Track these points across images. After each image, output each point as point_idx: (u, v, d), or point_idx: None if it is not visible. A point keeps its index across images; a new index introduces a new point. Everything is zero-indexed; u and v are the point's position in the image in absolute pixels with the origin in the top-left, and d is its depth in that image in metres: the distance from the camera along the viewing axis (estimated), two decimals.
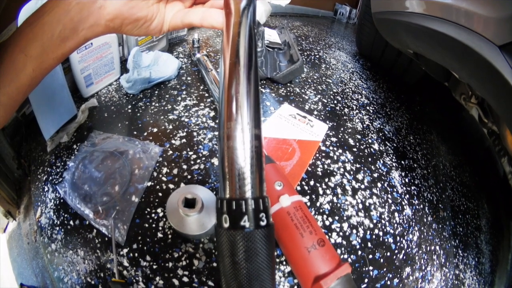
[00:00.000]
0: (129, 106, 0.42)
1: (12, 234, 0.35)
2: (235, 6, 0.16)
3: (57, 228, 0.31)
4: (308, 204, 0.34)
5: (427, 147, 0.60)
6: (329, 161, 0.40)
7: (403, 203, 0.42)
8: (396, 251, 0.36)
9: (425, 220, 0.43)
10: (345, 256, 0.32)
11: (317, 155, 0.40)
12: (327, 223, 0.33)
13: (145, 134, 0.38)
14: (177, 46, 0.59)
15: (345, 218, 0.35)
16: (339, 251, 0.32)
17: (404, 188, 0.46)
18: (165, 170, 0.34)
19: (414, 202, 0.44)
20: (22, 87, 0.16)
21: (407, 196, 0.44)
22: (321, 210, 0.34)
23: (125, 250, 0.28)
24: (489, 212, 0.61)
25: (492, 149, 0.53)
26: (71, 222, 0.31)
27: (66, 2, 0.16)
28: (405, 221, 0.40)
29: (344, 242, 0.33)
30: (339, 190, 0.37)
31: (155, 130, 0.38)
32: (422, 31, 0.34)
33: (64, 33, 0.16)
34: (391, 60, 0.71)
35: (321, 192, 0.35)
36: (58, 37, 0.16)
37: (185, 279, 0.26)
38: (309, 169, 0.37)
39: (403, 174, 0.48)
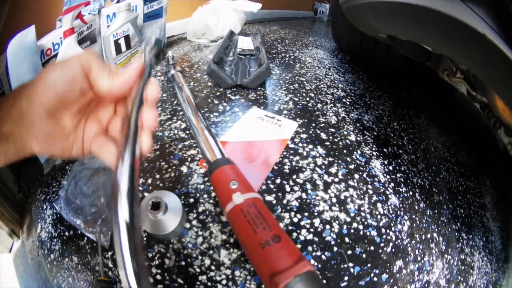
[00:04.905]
0: None
1: (17, 253, 0.38)
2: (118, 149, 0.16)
3: (55, 240, 0.34)
4: (274, 202, 0.33)
5: (414, 131, 0.56)
6: (297, 157, 0.38)
7: (387, 192, 0.39)
8: (382, 244, 0.33)
9: (416, 207, 0.40)
10: (318, 253, 0.30)
11: (285, 153, 0.39)
12: (295, 220, 0.32)
13: None
14: (155, 65, 0.61)
15: (316, 213, 0.33)
16: (310, 248, 0.30)
17: (388, 176, 0.42)
18: (141, 180, 0.35)
19: (401, 190, 0.41)
20: None
21: (392, 184, 0.41)
22: (288, 208, 0.32)
23: (110, 253, 0.30)
24: (492, 188, 0.55)
25: (489, 124, 0.48)
26: (66, 233, 0.33)
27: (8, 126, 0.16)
28: (391, 211, 0.37)
29: (316, 239, 0.31)
30: (308, 186, 0.35)
31: None
32: (383, 8, 0.32)
33: (13, 147, 0.16)
34: (369, 50, 0.67)
35: (288, 189, 0.34)
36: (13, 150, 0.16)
37: (158, 276, 0.27)
38: (276, 167, 0.36)
39: (385, 162, 0.45)
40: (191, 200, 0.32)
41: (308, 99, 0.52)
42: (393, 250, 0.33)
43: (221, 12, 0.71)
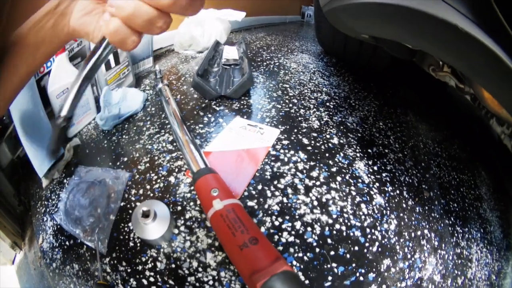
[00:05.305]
0: (105, 141, 0.48)
1: (20, 265, 0.41)
2: None
3: (56, 250, 0.38)
4: (256, 207, 0.36)
5: (401, 129, 0.58)
6: (278, 163, 0.42)
7: (372, 192, 0.41)
8: (367, 244, 0.34)
9: (404, 205, 0.42)
10: (300, 255, 0.32)
11: (267, 160, 0.42)
12: (276, 223, 0.34)
13: (118, 163, 0.44)
14: (144, 79, 0.66)
15: (297, 216, 0.35)
16: (291, 250, 0.32)
17: (373, 176, 0.44)
18: (133, 191, 0.39)
19: (386, 189, 0.43)
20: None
21: (377, 184, 0.43)
22: (269, 212, 0.36)
23: (108, 259, 0.33)
24: (488, 178, 0.56)
25: (481, 116, 0.50)
26: (67, 243, 0.37)
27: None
28: (376, 211, 0.39)
29: (298, 241, 0.33)
30: (289, 190, 0.38)
31: (125, 159, 0.44)
32: (357, 8, 0.34)
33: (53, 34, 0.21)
34: (355, 51, 0.70)
35: (269, 194, 0.37)
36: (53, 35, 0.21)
37: (152, 279, 0.31)
38: (257, 174, 0.40)
39: (370, 162, 0.47)
40: (179, 208, 0.36)
41: (291, 105, 0.56)
42: (380, 249, 0.34)
43: (206, 22, 0.75)
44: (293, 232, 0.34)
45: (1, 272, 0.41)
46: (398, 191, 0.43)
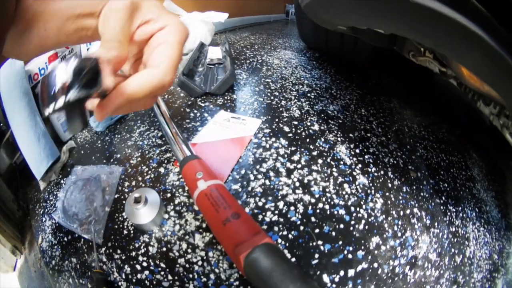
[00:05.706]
0: (99, 142, 0.53)
1: (21, 270, 0.43)
2: None
3: (55, 247, 0.40)
4: (240, 190, 0.40)
5: (384, 115, 0.62)
6: (261, 150, 0.46)
7: (354, 173, 0.44)
8: (353, 222, 0.36)
9: (389, 185, 0.43)
10: (284, 233, 0.33)
11: (249, 147, 0.46)
12: (260, 204, 0.37)
13: (112, 160, 0.48)
14: None
15: (279, 197, 0.38)
16: (276, 228, 0.34)
17: (355, 159, 0.46)
18: (126, 183, 0.43)
19: (370, 170, 0.45)
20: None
21: (359, 165, 0.45)
22: (253, 194, 0.39)
23: (103, 249, 0.36)
24: (480, 160, 0.58)
25: (469, 99, 0.50)
26: (65, 239, 0.40)
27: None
28: (360, 190, 0.41)
29: (281, 220, 0.35)
30: (271, 174, 0.42)
31: (118, 156, 0.48)
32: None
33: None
34: (337, 44, 0.75)
35: (252, 178, 0.41)
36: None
37: (144, 264, 0.33)
38: (240, 160, 0.44)
39: (351, 146, 0.49)
40: (168, 194, 0.40)
41: (272, 97, 0.60)
42: (366, 227, 0.36)
43: (191, 25, 0.80)
44: (276, 212, 0.36)
45: (3, 280, 0.43)
46: (382, 172, 0.45)
